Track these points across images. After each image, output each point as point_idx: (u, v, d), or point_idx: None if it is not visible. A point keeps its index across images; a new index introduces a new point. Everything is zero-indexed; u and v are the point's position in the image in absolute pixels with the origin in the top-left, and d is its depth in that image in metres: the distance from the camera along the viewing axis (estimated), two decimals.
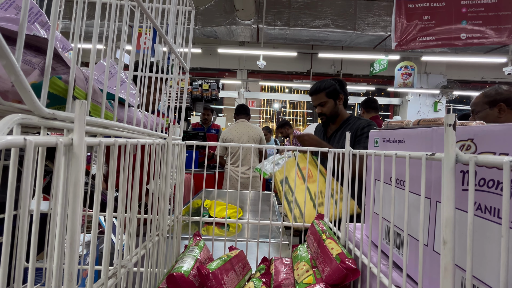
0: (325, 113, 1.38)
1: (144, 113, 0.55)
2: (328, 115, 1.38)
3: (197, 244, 0.60)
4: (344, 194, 0.54)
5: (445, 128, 0.25)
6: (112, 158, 0.31)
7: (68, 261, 0.24)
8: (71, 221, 0.24)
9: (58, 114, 0.24)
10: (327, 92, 1.35)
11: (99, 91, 0.33)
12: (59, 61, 0.30)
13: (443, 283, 0.25)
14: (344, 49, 5.78)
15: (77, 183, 0.24)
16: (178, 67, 0.66)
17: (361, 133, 1.27)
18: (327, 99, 1.36)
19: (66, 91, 0.26)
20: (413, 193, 0.37)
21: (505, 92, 1.26)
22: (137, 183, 0.43)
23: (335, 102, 1.37)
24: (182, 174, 0.67)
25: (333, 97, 1.36)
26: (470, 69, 5.84)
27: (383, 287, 0.40)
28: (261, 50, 4.73)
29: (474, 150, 0.27)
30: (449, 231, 0.25)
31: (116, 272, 0.35)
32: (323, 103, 1.37)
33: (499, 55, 4.86)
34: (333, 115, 1.39)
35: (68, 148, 0.24)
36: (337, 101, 1.37)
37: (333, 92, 1.35)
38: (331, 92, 1.35)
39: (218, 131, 3.62)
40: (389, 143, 0.43)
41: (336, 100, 1.37)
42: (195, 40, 5.53)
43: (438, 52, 4.99)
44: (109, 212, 0.32)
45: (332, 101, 1.36)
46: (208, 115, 3.47)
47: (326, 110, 1.37)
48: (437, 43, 2.13)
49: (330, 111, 1.37)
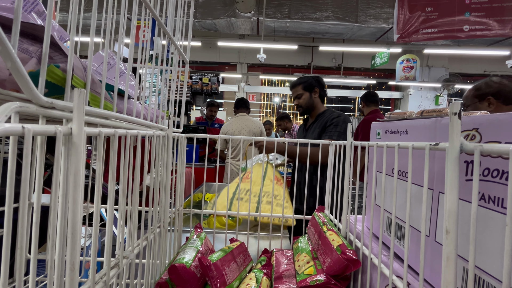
0: (301, 104, 1.51)
1: (144, 105, 0.54)
2: (303, 106, 1.51)
3: (198, 236, 0.60)
4: (345, 186, 0.54)
5: (450, 117, 0.25)
6: (112, 149, 0.31)
7: (70, 251, 0.23)
8: (72, 211, 0.23)
9: (57, 102, 0.23)
10: (304, 86, 1.49)
11: (98, 81, 0.33)
12: (56, 50, 0.29)
13: (445, 273, 0.25)
14: (345, 42, 5.71)
15: (78, 173, 0.24)
16: (178, 59, 0.65)
17: (330, 123, 1.39)
18: (303, 91, 1.50)
19: (64, 80, 0.26)
20: (415, 184, 0.37)
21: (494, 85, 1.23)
22: (138, 175, 0.42)
23: (310, 94, 1.50)
24: (183, 166, 0.67)
25: (309, 90, 1.50)
26: (472, 62, 5.78)
27: (383, 277, 0.40)
28: (261, 43, 4.68)
29: (479, 139, 0.27)
30: (452, 221, 0.25)
31: (118, 262, 0.35)
32: (300, 95, 1.51)
33: (502, 48, 4.81)
34: (309, 107, 1.51)
35: (68, 137, 0.24)
36: (312, 94, 1.50)
37: (309, 85, 1.49)
38: (307, 86, 1.49)
39: (222, 126, 3.60)
40: (391, 134, 0.43)
41: (311, 93, 1.50)
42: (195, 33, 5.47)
43: (441, 44, 4.93)
44: (110, 204, 0.32)
45: (308, 94, 1.50)
46: (214, 111, 3.46)
47: (302, 102, 1.50)
48: (439, 35, 2.09)
49: (305, 102, 1.50)
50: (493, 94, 1.22)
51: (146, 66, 0.51)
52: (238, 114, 2.54)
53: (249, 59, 6.41)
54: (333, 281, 0.46)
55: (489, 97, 1.23)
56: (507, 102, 1.21)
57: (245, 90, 6.56)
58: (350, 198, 0.55)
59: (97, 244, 0.64)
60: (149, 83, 0.70)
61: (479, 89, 1.27)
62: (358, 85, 6.75)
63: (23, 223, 0.19)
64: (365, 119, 2.38)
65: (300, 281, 0.49)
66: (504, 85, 1.21)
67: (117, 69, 0.37)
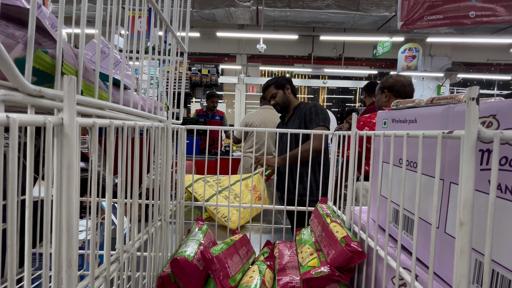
0: (278, 102, 1.65)
1: (142, 96, 0.53)
2: (280, 103, 1.65)
3: (200, 228, 0.59)
4: (350, 177, 0.53)
5: (467, 103, 0.23)
6: (108, 141, 0.29)
7: (66, 247, 0.22)
8: (67, 205, 0.22)
9: (46, 91, 0.22)
10: (275, 85, 1.64)
11: (91, 69, 0.31)
12: (45, 36, 0.27)
13: (459, 266, 0.24)
14: (346, 31, 5.60)
15: (71, 166, 0.22)
16: (176, 49, 0.63)
17: (309, 112, 1.50)
18: (277, 90, 1.64)
19: (53, 67, 0.24)
20: (424, 174, 0.36)
21: (390, 80, 1.51)
22: (137, 167, 0.41)
23: (284, 91, 1.64)
24: (183, 159, 0.65)
25: (281, 88, 1.64)
26: (476, 51, 5.68)
27: (389, 269, 0.39)
28: (261, 33, 4.60)
29: (497, 127, 0.25)
30: (467, 212, 0.23)
31: (118, 257, 0.34)
32: (274, 95, 1.65)
33: (506, 36, 4.71)
34: (285, 103, 1.65)
35: (59, 128, 0.22)
36: (285, 90, 1.64)
37: (279, 84, 1.64)
38: (278, 84, 1.64)
39: (223, 118, 3.58)
40: (399, 123, 0.41)
41: (284, 90, 1.64)
42: (193, 23, 5.37)
43: (444, 33, 4.83)
44: (108, 197, 0.31)
45: (281, 91, 1.64)
46: (216, 102, 3.43)
47: (278, 99, 1.64)
48: (444, 22, 2.03)
49: (281, 99, 1.64)
50: (388, 88, 1.51)
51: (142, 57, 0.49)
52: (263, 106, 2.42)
53: (249, 50, 6.32)
54: (338, 273, 0.45)
55: (385, 90, 1.52)
56: (397, 95, 1.53)
57: (245, 81, 6.49)
58: (355, 190, 0.54)
59: (96, 238, 0.63)
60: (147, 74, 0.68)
61: (382, 83, 1.56)
62: (359, 76, 6.66)
63: (13, 220, 0.18)
64: (367, 109, 2.35)
65: (304, 273, 0.48)
66: (398, 81, 1.49)
67: (111, 56, 0.36)
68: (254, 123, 2.26)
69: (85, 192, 0.80)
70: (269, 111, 2.33)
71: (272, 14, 4.48)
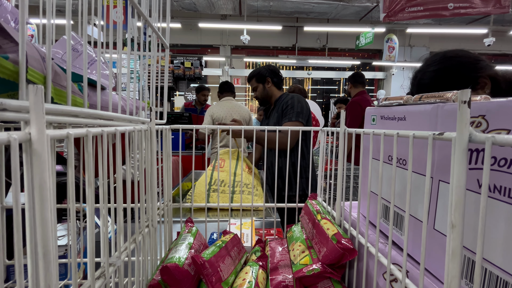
0: (258, 96, 1.62)
1: (122, 95, 0.49)
2: (260, 97, 1.62)
3: (190, 231, 0.58)
4: (339, 174, 0.53)
5: (458, 106, 0.23)
6: (86, 152, 0.27)
7: (44, 274, 0.20)
8: (42, 229, 0.20)
9: (8, 103, 0.19)
10: (256, 78, 1.59)
11: (62, 73, 0.28)
12: (6, 36, 0.24)
13: (450, 267, 0.24)
14: (329, 21, 5.61)
15: (43, 186, 0.20)
16: (157, 43, 0.59)
17: (286, 106, 1.46)
18: (257, 84, 1.60)
19: (17, 74, 0.21)
20: (414, 172, 0.36)
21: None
22: (120, 175, 0.39)
23: (264, 85, 1.60)
24: (169, 160, 0.63)
25: (261, 81, 1.59)
26: (452, 41, 5.88)
27: (380, 265, 0.40)
28: (245, 24, 4.51)
29: (486, 127, 0.25)
30: (459, 214, 0.24)
31: (104, 271, 0.33)
32: (255, 88, 1.61)
33: (480, 26, 4.91)
34: (264, 97, 1.61)
35: (27, 144, 0.20)
36: (265, 84, 1.59)
37: (260, 76, 1.59)
38: (259, 77, 1.59)
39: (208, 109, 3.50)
40: (387, 120, 0.41)
41: (264, 84, 1.59)
42: (174, 13, 5.16)
43: (423, 23, 4.96)
44: (89, 212, 0.29)
45: (261, 85, 1.59)
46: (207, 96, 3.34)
47: (258, 94, 1.61)
48: (425, 14, 2.09)
49: (260, 93, 1.60)
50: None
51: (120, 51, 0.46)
52: (223, 98, 2.38)
53: (232, 41, 6.19)
54: (329, 270, 0.46)
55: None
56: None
57: (229, 73, 6.38)
58: (344, 186, 0.54)
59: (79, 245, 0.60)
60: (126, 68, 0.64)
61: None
62: (343, 66, 6.74)
63: None
64: (353, 100, 2.39)
65: (296, 271, 0.48)
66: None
67: (84, 54, 0.33)
68: (220, 116, 2.21)
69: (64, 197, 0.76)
70: (232, 104, 2.30)
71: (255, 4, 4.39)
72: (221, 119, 2.19)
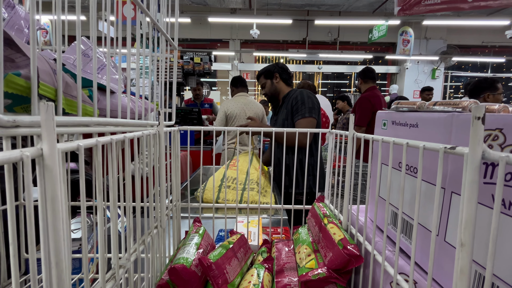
0: (266, 92, 1.62)
1: (131, 97, 0.50)
2: (268, 94, 1.61)
3: (197, 231, 0.59)
4: (347, 181, 0.53)
5: (472, 121, 0.22)
6: (97, 161, 0.28)
7: (57, 283, 0.21)
8: (54, 241, 0.21)
9: (21, 120, 0.20)
10: (265, 75, 1.60)
11: (73, 83, 0.29)
12: (18, 51, 0.25)
13: (458, 285, 0.24)
14: (341, 14, 5.46)
15: (55, 199, 0.21)
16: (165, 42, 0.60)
17: (295, 102, 1.45)
18: (265, 80, 1.60)
19: (29, 89, 0.22)
20: (424, 181, 0.35)
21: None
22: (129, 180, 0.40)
23: (272, 81, 1.59)
24: (177, 160, 0.64)
25: (269, 78, 1.59)
26: (471, 33, 5.63)
27: (387, 273, 0.40)
28: (254, 18, 4.45)
29: (503, 141, 0.24)
30: (469, 233, 0.23)
31: (114, 274, 0.34)
32: (264, 85, 1.61)
33: (502, 17, 4.65)
34: (273, 94, 1.61)
35: (40, 159, 0.21)
36: (273, 80, 1.59)
37: (268, 73, 1.59)
38: (267, 74, 1.59)
39: (212, 105, 3.52)
40: (399, 126, 0.40)
41: (272, 80, 1.59)
42: (183, 8, 5.16)
43: (440, 15, 4.75)
44: (100, 219, 0.30)
45: (269, 81, 1.59)
46: (199, 90, 3.36)
47: (266, 90, 1.61)
48: (442, 7, 1.98)
49: (269, 89, 1.60)
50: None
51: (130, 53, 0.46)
52: (238, 94, 2.33)
53: (242, 35, 6.14)
54: (335, 275, 0.46)
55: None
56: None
57: (238, 68, 6.36)
58: (352, 189, 0.54)
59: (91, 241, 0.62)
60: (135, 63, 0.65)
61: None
62: (355, 60, 6.58)
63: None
64: (363, 96, 2.34)
65: (301, 275, 0.49)
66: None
67: (94, 60, 0.33)
68: (234, 112, 2.19)
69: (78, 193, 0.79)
70: (246, 99, 2.28)
71: None
72: (235, 115, 2.18)
